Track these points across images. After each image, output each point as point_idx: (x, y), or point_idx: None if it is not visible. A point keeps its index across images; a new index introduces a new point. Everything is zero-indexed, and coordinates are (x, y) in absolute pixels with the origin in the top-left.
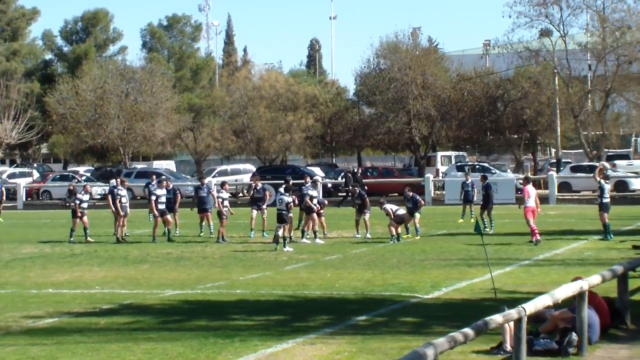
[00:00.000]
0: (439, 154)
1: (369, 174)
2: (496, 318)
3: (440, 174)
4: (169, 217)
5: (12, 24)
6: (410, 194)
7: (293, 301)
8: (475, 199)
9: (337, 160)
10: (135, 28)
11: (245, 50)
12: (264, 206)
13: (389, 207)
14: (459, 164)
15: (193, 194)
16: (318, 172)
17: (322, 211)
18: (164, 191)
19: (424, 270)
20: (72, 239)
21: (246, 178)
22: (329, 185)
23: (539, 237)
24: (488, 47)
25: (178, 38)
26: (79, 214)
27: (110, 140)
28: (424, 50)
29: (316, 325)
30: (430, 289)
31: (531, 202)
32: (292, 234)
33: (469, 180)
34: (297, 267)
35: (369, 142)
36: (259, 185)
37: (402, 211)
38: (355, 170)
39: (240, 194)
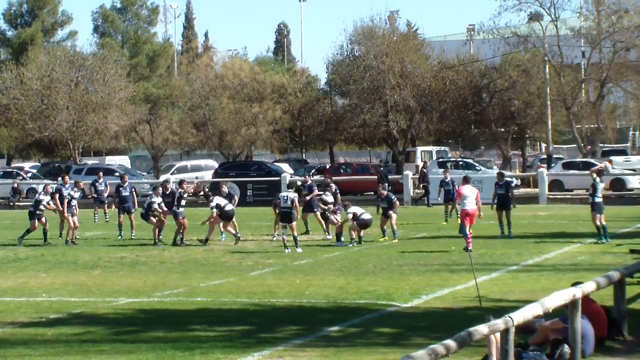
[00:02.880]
0: (419, 149)
1: (342, 170)
2: (481, 329)
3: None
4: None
5: None
6: (385, 192)
7: (259, 310)
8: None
9: (307, 156)
10: (86, 11)
11: (206, 35)
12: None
13: (354, 210)
14: (440, 159)
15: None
16: (286, 168)
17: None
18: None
19: (402, 276)
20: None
21: (208, 175)
22: (299, 183)
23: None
24: (472, 33)
25: (133, 22)
26: (65, 213)
27: (59, 133)
28: (403, 36)
29: (284, 336)
30: (409, 297)
31: (467, 204)
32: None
33: (449, 178)
34: (263, 273)
35: (342, 136)
36: (225, 189)
37: (367, 215)
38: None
39: (201, 193)
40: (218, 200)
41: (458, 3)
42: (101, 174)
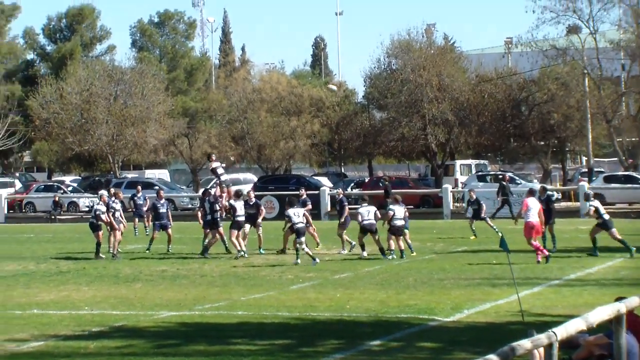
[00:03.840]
0: (458, 162)
1: (381, 184)
2: (524, 344)
3: (460, 185)
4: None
5: None
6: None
7: (299, 324)
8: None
9: (345, 169)
10: (124, 25)
11: (243, 49)
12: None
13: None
14: (479, 173)
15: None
16: (325, 182)
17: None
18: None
19: (444, 290)
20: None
21: (247, 189)
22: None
23: (540, 258)
24: (510, 46)
25: (170, 36)
26: (109, 223)
27: (98, 147)
28: (440, 49)
29: (325, 350)
30: (450, 311)
31: (531, 216)
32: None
33: (474, 198)
34: (303, 287)
35: (380, 150)
36: (252, 199)
37: (400, 222)
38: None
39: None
40: (290, 211)
41: (495, 16)
42: (140, 187)
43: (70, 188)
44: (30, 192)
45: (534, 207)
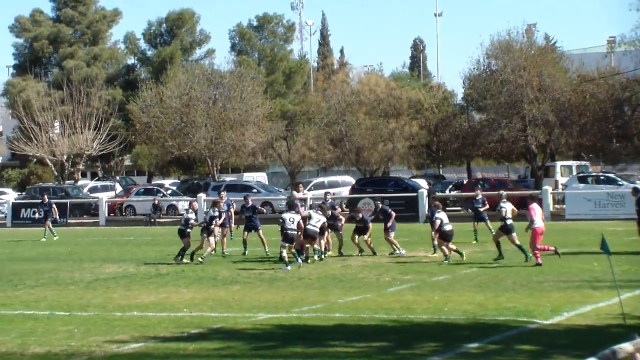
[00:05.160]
0: (558, 163)
1: (479, 186)
2: (626, 347)
3: (560, 186)
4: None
5: (93, 26)
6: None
7: (397, 326)
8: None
9: (444, 171)
10: (223, 29)
11: (341, 51)
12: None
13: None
14: (581, 174)
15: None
16: (423, 184)
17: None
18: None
19: (543, 292)
20: (181, 258)
21: (345, 191)
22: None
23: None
24: (613, 45)
25: (269, 39)
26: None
27: (197, 150)
28: (540, 49)
29: (423, 352)
30: (549, 314)
31: (539, 222)
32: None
33: (480, 196)
34: (401, 289)
35: (479, 151)
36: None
37: (449, 226)
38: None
39: (339, 209)
40: (286, 215)
41: (598, 15)
42: (223, 194)
43: (169, 191)
44: (131, 196)
45: (539, 212)
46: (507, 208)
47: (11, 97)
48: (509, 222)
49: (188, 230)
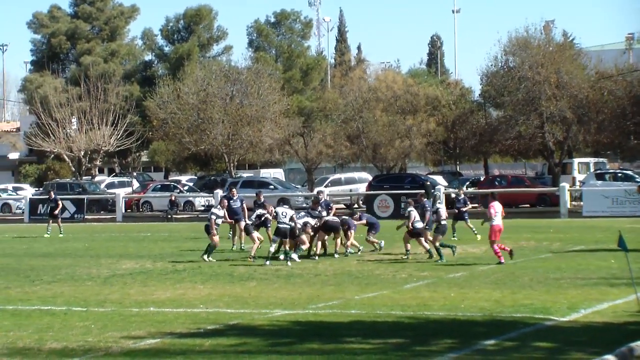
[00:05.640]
0: (576, 160)
1: (496, 183)
2: None
3: (578, 183)
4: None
5: (110, 23)
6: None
7: (413, 323)
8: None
9: (461, 168)
10: (241, 26)
11: (359, 48)
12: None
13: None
14: (598, 171)
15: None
16: (440, 181)
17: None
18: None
19: (560, 290)
20: (209, 257)
21: (362, 188)
22: (453, 195)
23: (503, 260)
24: (631, 41)
25: (287, 36)
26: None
27: (214, 146)
28: (558, 46)
29: (439, 349)
30: (567, 311)
31: (498, 220)
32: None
33: (462, 196)
34: (417, 286)
35: (496, 148)
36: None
37: (420, 224)
38: None
39: (355, 205)
40: (279, 209)
41: (616, 12)
42: (234, 190)
43: (186, 187)
44: (147, 192)
45: (499, 210)
46: (415, 214)
47: (29, 93)
48: (419, 225)
49: (215, 227)
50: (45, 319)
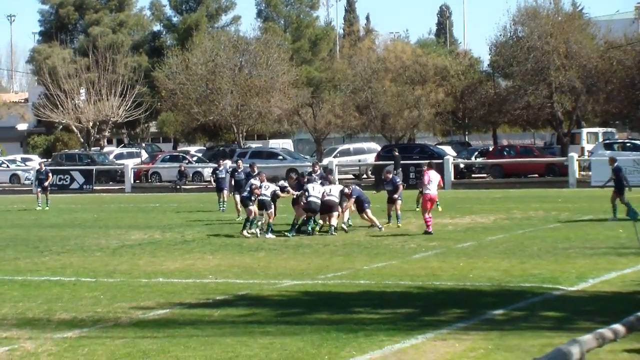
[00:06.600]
0: (585, 130)
1: (505, 153)
2: None
3: (586, 153)
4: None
5: None
6: (390, 176)
7: (422, 293)
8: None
9: (470, 138)
10: None
11: (367, 18)
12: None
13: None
14: (607, 141)
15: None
16: (449, 151)
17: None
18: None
19: (568, 259)
20: (253, 229)
21: (370, 158)
22: (462, 165)
23: (431, 229)
24: None
25: (295, 6)
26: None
27: (223, 117)
28: (567, 16)
29: (448, 319)
30: (575, 281)
31: (432, 189)
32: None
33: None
34: (426, 256)
35: (505, 118)
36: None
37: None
38: None
39: (365, 176)
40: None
41: None
42: (221, 161)
43: (195, 158)
44: (156, 163)
45: (434, 179)
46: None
47: (37, 64)
48: (313, 199)
49: (253, 198)
50: (54, 289)
